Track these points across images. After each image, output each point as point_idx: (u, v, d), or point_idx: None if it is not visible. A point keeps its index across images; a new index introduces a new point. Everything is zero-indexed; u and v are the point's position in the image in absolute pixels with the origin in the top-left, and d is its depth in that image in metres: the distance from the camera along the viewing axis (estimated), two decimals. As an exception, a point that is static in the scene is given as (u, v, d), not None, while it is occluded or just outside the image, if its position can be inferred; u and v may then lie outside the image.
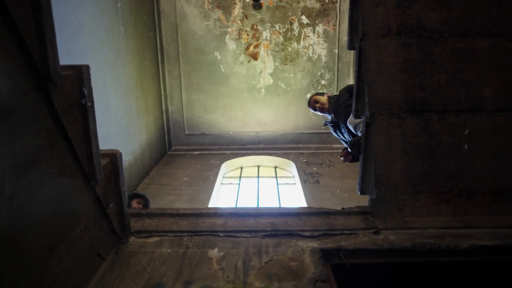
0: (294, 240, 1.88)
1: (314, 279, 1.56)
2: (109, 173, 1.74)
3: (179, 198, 5.66)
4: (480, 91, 2.12)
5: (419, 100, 2.11)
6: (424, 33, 2.13)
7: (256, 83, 7.99)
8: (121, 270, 1.64)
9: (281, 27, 7.66)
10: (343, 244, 1.83)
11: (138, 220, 2.06)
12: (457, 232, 1.95)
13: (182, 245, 1.84)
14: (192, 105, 8.07)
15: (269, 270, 1.64)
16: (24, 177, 1.12)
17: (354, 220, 2.06)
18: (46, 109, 1.23)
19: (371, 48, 2.11)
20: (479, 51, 2.13)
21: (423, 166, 2.10)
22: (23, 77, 1.12)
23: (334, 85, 7.95)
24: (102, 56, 4.92)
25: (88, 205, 1.54)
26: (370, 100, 2.10)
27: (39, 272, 1.20)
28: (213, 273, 1.62)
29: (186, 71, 7.85)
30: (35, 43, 1.14)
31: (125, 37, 5.73)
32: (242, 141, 8.28)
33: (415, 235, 1.92)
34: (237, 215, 2.11)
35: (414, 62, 2.12)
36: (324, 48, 7.79)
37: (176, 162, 7.44)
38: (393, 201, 2.09)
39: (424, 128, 2.11)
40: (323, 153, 7.93)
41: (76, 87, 1.41)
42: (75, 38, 4.18)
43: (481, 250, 1.82)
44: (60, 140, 1.32)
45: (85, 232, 1.52)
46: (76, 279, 1.44)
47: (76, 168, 1.43)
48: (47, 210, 1.25)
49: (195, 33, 7.67)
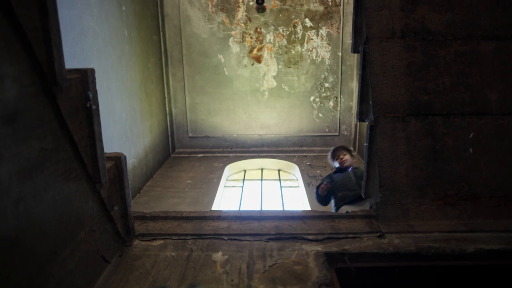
0: (298, 243, 1.88)
1: (318, 283, 1.55)
2: (114, 176, 1.74)
3: (183, 201, 5.65)
4: (485, 94, 2.12)
5: (423, 103, 2.11)
6: (428, 36, 2.12)
7: (260, 86, 7.99)
8: (125, 273, 1.64)
9: (284, 30, 7.67)
10: (347, 248, 1.83)
11: (142, 223, 2.07)
12: (462, 236, 1.94)
13: (186, 248, 1.84)
14: (195, 108, 8.08)
15: (273, 273, 1.63)
16: (30, 180, 1.12)
17: (358, 224, 2.06)
18: (52, 112, 1.24)
19: (375, 51, 2.11)
20: (484, 54, 2.12)
21: (427, 170, 2.09)
22: (30, 81, 1.12)
23: (337, 88, 7.94)
24: (106, 59, 4.94)
25: (92, 208, 1.55)
26: (375, 103, 2.10)
27: (43, 275, 1.20)
28: (217, 276, 1.62)
29: (189, 74, 7.87)
30: (41, 47, 1.14)
31: (129, 40, 5.75)
32: (246, 143, 8.27)
33: (420, 239, 1.91)
34: (241, 218, 2.11)
35: (418, 65, 2.11)
36: (328, 51, 7.79)
37: (180, 165, 7.44)
38: (398, 204, 2.09)
39: (428, 131, 2.10)
40: (326, 156, 7.90)
41: (81, 91, 1.41)
42: (80, 41, 4.20)
43: (486, 254, 1.81)
44: (66, 144, 1.33)
45: (90, 235, 1.52)
46: (80, 282, 1.44)
47: (81, 171, 1.44)
48: (52, 213, 1.25)
49: (199, 36, 7.69)
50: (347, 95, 7.98)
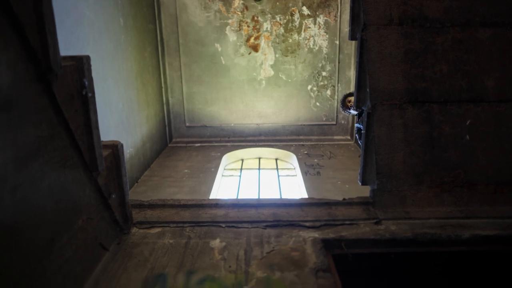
0: (295, 230, 1.89)
1: (315, 269, 1.57)
2: (111, 164, 1.74)
3: (180, 190, 5.66)
4: (482, 81, 2.11)
5: (420, 91, 2.11)
6: (426, 23, 2.11)
7: (257, 75, 7.95)
8: (123, 261, 1.65)
9: (281, 19, 7.61)
10: (344, 234, 1.84)
11: (140, 211, 2.07)
12: (458, 222, 1.95)
13: (184, 235, 1.85)
14: (192, 97, 8.05)
15: (270, 260, 1.65)
16: (26, 168, 1.12)
17: (355, 211, 2.07)
18: (47, 100, 1.23)
19: (373, 39, 2.10)
20: (482, 41, 2.11)
21: (424, 157, 2.10)
22: (24, 68, 1.11)
23: (335, 77, 7.92)
24: (102, 48, 4.89)
25: (90, 196, 1.55)
26: (372, 90, 2.09)
27: (42, 263, 1.21)
28: (215, 263, 1.63)
29: (186, 63, 7.82)
30: (35, 35, 1.13)
31: (125, 29, 5.69)
32: (243, 133, 8.26)
33: (416, 225, 1.93)
34: (239, 206, 2.12)
35: (416, 53, 2.11)
36: (325, 39, 7.74)
37: (177, 154, 7.44)
38: (395, 191, 2.10)
39: (425, 118, 2.11)
40: (324, 144, 7.91)
41: (76, 78, 1.40)
42: (75, 30, 4.15)
43: (482, 240, 1.83)
44: (62, 131, 1.32)
45: (87, 223, 1.52)
46: (78, 269, 1.45)
47: (78, 159, 1.44)
48: (49, 200, 1.25)
49: (195, 24, 7.61)
50: (344, 84, 7.96)
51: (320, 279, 1.51)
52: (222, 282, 1.52)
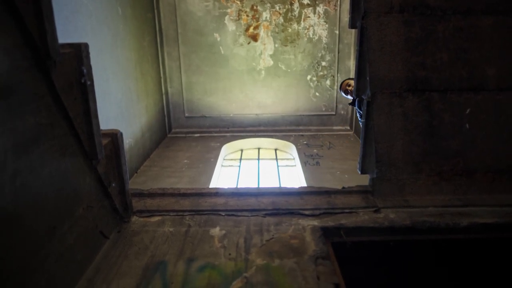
0: (295, 218, 1.90)
1: (315, 256, 1.58)
2: (110, 152, 1.74)
3: (180, 181, 5.67)
4: (483, 70, 2.10)
5: (421, 79, 2.10)
6: (427, 10, 2.09)
7: (256, 65, 7.91)
8: (124, 248, 1.66)
9: (281, 8, 7.54)
10: (343, 222, 1.85)
11: (140, 200, 2.08)
12: (456, 210, 1.96)
13: (184, 224, 1.86)
14: (191, 88, 8.01)
15: (270, 247, 1.66)
16: (26, 155, 1.12)
17: (354, 199, 2.08)
18: (46, 87, 1.22)
19: (373, 26, 2.08)
20: (483, 29, 2.10)
21: (424, 145, 2.10)
22: (22, 55, 1.11)
23: (334, 67, 7.88)
24: (100, 37, 4.85)
25: (90, 184, 1.55)
26: (372, 79, 2.08)
27: (43, 250, 1.21)
28: (215, 251, 1.64)
29: (185, 53, 7.77)
30: (33, 21, 1.12)
31: (123, 18, 5.64)
32: (242, 123, 8.25)
33: (415, 213, 1.94)
34: (238, 194, 2.12)
35: (416, 41, 2.09)
36: (325, 29, 7.69)
37: (177, 145, 7.43)
38: (394, 180, 2.10)
39: (425, 107, 2.10)
40: (323, 135, 7.91)
41: (75, 66, 1.40)
42: (73, 19, 4.12)
43: (480, 228, 1.84)
44: (61, 119, 1.32)
45: (88, 211, 1.53)
46: (80, 257, 1.46)
47: (77, 147, 1.44)
48: (49, 188, 1.25)
49: (194, 14, 7.55)
50: (344, 74, 7.92)
51: (320, 266, 1.52)
52: (222, 269, 1.53)
